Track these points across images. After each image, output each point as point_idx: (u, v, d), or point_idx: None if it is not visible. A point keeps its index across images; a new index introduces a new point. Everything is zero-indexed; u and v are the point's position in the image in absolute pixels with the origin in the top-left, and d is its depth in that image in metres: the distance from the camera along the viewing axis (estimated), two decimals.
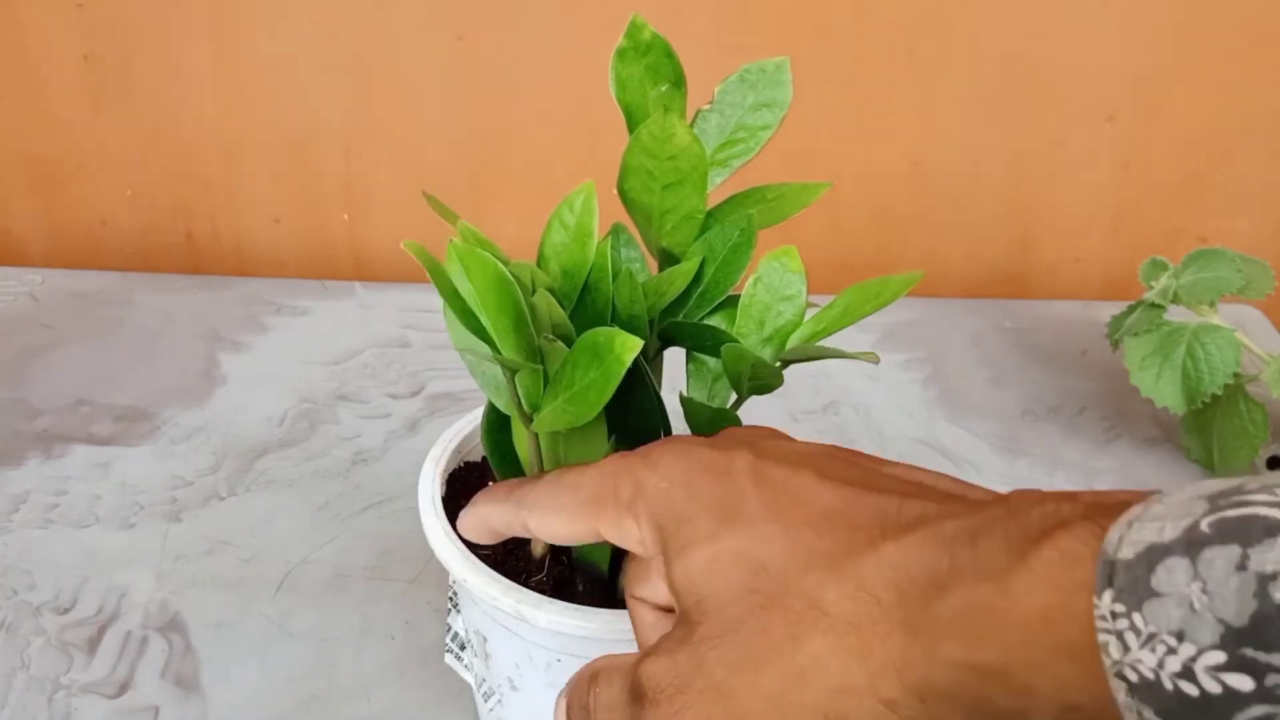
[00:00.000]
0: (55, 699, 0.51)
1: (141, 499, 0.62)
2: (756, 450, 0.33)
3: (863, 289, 0.40)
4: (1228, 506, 0.23)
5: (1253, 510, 0.23)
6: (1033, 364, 0.77)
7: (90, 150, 0.84)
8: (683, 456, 0.33)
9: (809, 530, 0.30)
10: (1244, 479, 0.24)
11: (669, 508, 0.32)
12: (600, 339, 0.36)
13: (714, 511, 0.31)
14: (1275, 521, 0.22)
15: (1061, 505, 0.27)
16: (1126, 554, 0.24)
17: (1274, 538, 0.22)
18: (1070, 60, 0.80)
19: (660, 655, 0.31)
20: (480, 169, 0.84)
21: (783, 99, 0.41)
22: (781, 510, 0.30)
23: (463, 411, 0.49)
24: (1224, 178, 0.84)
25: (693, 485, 0.32)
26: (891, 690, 0.27)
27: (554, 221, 0.40)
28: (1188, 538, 0.23)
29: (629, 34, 0.40)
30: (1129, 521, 0.24)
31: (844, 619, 0.28)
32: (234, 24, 0.79)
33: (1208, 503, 0.23)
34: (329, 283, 0.82)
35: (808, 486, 0.31)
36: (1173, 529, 0.23)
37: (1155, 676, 0.23)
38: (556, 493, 0.35)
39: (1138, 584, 0.23)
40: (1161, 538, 0.23)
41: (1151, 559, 0.23)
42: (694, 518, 0.31)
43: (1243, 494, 0.23)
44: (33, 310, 0.77)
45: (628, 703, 0.31)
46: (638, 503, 0.33)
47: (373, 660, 0.53)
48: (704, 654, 0.30)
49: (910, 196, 0.85)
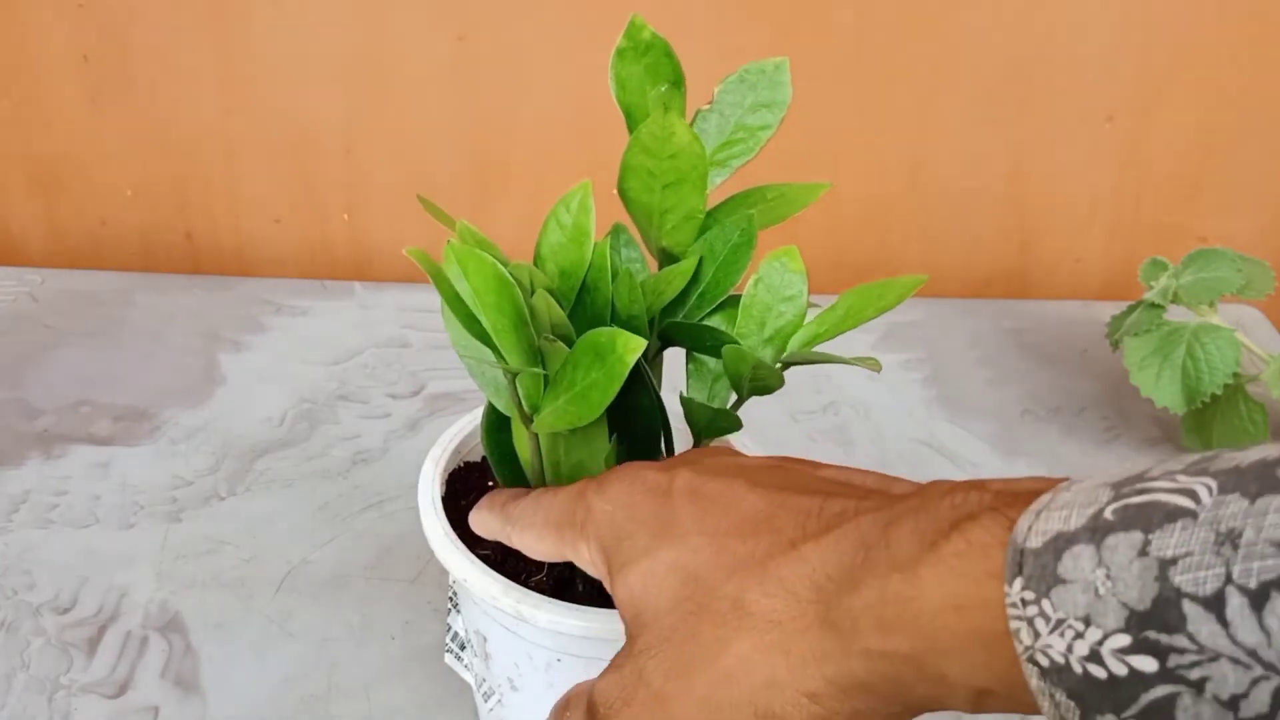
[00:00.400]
0: (55, 699, 0.51)
1: (141, 499, 0.62)
2: (697, 468, 0.34)
3: (865, 291, 0.40)
4: (1130, 494, 0.24)
5: (1154, 497, 0.23)
6: (1033, 364, 0.77)
7: (90, 150, 0.84)
8: (628, 482, 0.35)
9: (735, 537, 0.31)
10: (1148, 465, 0.25)
11: (612, 529, 0.34)
12: (602, 339, 0.36)
13: (651, 529, 0.33)
14: (1175, 507, 0.23)
15: (970, 495, 0.27)
16: (1034, 543, 0.24)
17: (1174, 523, 0.22)
18: (1070, 60, 0.80)
19: (610, 672, 0.32)
20: (480, 169, 0.84)
21: (782, 99, 0.41)
22: (711, 521, 0.32)
23: (463, 411, 0.49)
24: (1224, 178, 0.84)
25: (634, 507, 0.34)
26: (814, 683, 0.28)
27: (550, 221, 0.40)
28: (1092, 525, 0.24)
29: (628, 34, 0.40)
30: (1037, 511, 0.25)
31: (765, 617, 0.29)
32: (234, 24, 0.79)
33: (1112, 490, 0.24)
34: (329, 283, 0.82)
35: (738, 495, 0.32)
36: (1079, 517, 0.24)
37: (1065, 661, 0.23)
38: (533, 511, 0.37)
39: (1045, 571, 0.24)
40: (1068, 526, 0.24)
41: (1058, 547, 0.24)
42: (633, 535, 0.33)
43: (1145, 480, 0.24)
44: (33, 310, 0.77)
45: None
46: (588, 526, 0.34)
47: (373, 660, 0.53)
48: (644, 664, 0.31)
49: (910, 196, 0.85)
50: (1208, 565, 0.22)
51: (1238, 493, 0.22)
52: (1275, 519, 0.21)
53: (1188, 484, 0.23)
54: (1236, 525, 0.22)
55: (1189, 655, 0.22)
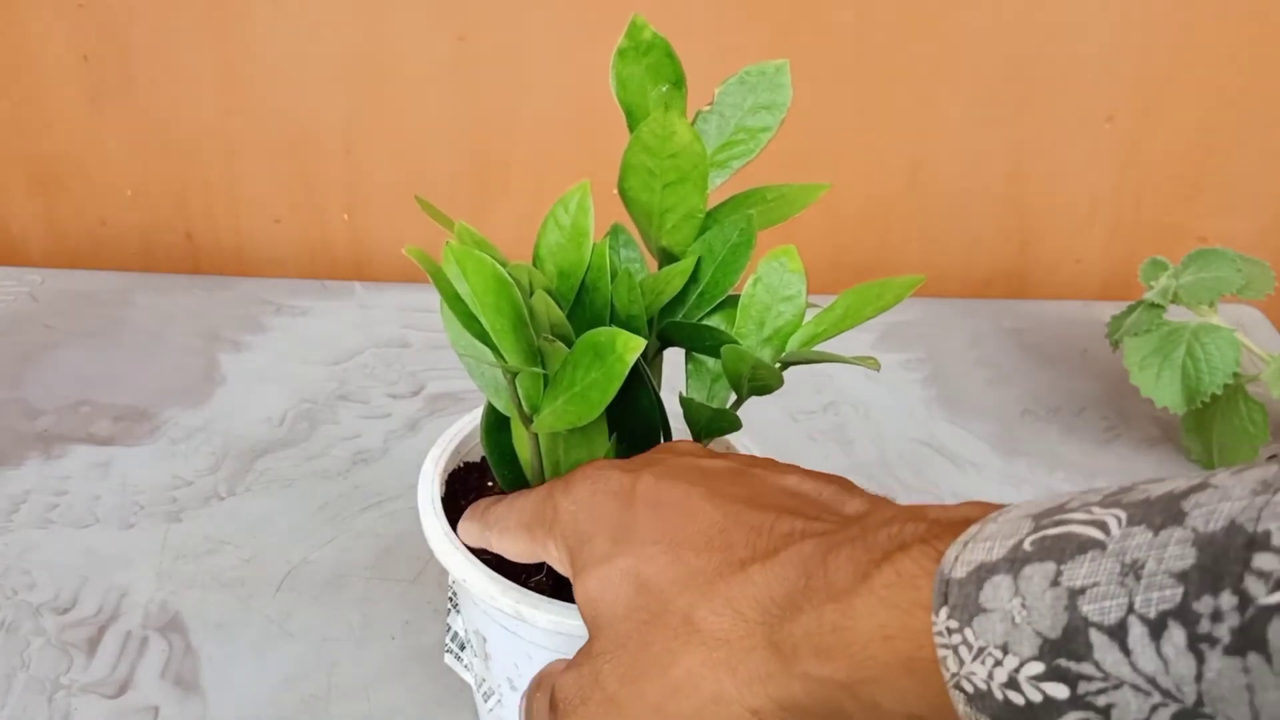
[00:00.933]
0: (55, 699, 0.51)
1: (141, 499, 0.62)
2: (661, 469, 0.34)
3: (863, 291, 0.40)
4: (1048, 525, 0.25)
5: (1068, 529, 0.24)
6: (1032, 364, 0.77)
7: (90, 150, 0.84)
8: (592, 482, 0.35)
9: (689, 549, 0.32)
10: (1069, 496, 0.26)
11: (575, 530, 0.34)
12: (602, 339, 0.36)
13: (611, 533, 0.33)
14: (1087, 538, 0.24)
15: (906, 526, 0.28)
16: (959, 573, 0.25)
17: (1084, 554, 0.23)
18: (1070, 60, 0.80)
19: (571, 669, 0.33)
20: (480, 169, 0.84)
21: (782, 101, 0.41)
22: (668, 530, 0.32)
23: (463, 411, 0.49)
24: (1224, 178, 0.84)
25: (596, 508, 0.34)
26: (758, 700, 0.29)
27: (549, 222, 0.40)
28: (1011, 555, 0.25)
29: (630, 34, 0.40)
30: (964, 542, 0.26)
31: (714, 635, 0.30)
32: (234, 24, 0.79)
33: (1032, 522, 0.25)
34: (329, 283, 0.82)
35: (696, 504, 0.33)
36: (1000, 548, 0.25)
37: (987, 687, 0.24)
38: (507, 514, 0.38)
39: (968, 601, 0.25)
40: (990, 556, 0.25)
41: (980, 577, 0.25)
42: (594, 538, 0.34)
43: (1064, 512, 0.25)
44: (33, 310, 0.78)
45: (547, 712, 0.34)
46: (555, 526, 0.35)
47: (373, 660, 0.53)
48: (600, 667, 0.32)
49: (910, 196, 0.85)
50: (1112, 595, 0.23)
51: (1144, 524, 0.23)
52: (1175, 550, 0.22)
53: (1100, 515, 0.24)
54: (1140, 556, 0.23)
55: (1096, 682, 0.22)
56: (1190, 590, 0.21)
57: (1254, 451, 0.63)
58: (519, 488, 0.43)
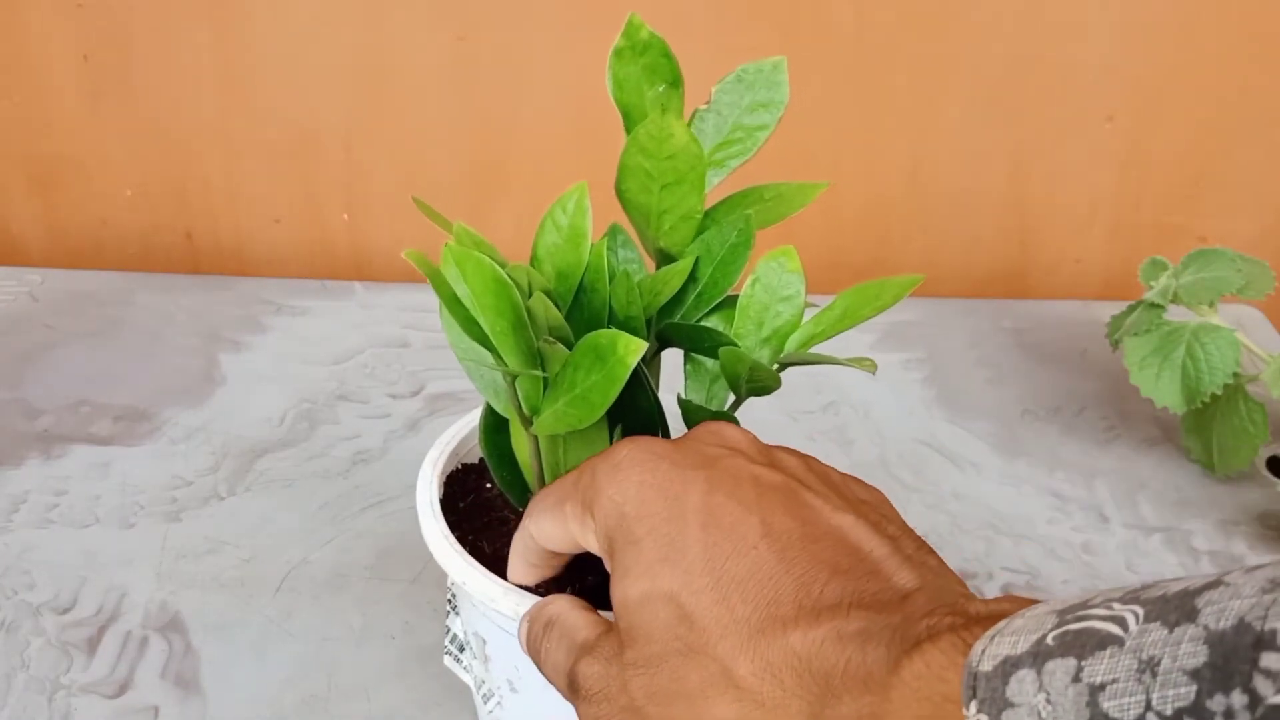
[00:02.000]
0: (55, 699, 0.51)
1: (141, 499, 0.62)
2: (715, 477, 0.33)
3: (862, 291, 0.40)
4: (1071, 620, 0.25)
5: (1089, 624, 0.25)
6: (1032, 364, 0.77)
7: (90, 150, 0.84)
8: (641, 472, 0.34)
9: (737, 594, 0.31)
10: (1094, 594, 0.26)
11: (620, 525, 0.33)
12: (603, 341, 0.36)
13: (658, 546, 0.32)
14: (1106, 634, 0.24)
15: (944, 619, 0.29)
16: (986, 666, 0.26)
17: (1104, 649, 0.24)
18: (1070, 60, 0.80)
19: (596, 661, 0.34)
20: (480, 169, 0.84)
21: (779, 99, 0.41)
22: (717, 562, 0.32)
23: (463, 411, 0.49)
24: (1224, 178, 0.84)
25: (645, 505, 0.33)
26: None
27: (547, 223, 0.40)
28: (1035, 650, 0.25)
29: (626, 33, 0.40)
30: (991, 636, 0.26)
31: (751, 694, 0.30)
32: (234, 24, 0.79)
33: (1056, 617, 0.26)
34: (329, 283, 0.82)
35: (749, 541, 0.32)
36: (1025, 642, 0.26)
37: None
38: (545, 494, 0.37)
39: (995, 695, 0.25)
40: (1015, 650, 0.26)
41: (1006, 671, 0.25)
42: (639, 543, 0.33)
43: (1086, 609, 0.25)
44: (33, 310, 0.78)
45: (565, 685, 0.34)
46: (595, 506, 0.34)
47: (372, 660, 0.53)
48: (629, 676, 0.32)
49: (910, 196, 0.85)
50: (1131, 692, 0.23)
51: (1159, 621, 0.24)
52: (1189, 648, 0.23)
53: (1119, 611, 0.25)
54: (1156, 653, 0.23)
55: None
56: (1203, 688, 0.22)
57: (1254, 451, 0.63)
58: (517, 489, 0.44)
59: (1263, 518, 0.64)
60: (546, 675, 0.36)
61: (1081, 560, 0.61)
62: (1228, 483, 0.67)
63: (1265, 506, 0.65)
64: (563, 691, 0.35)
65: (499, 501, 0.45)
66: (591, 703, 0.33)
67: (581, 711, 0.34)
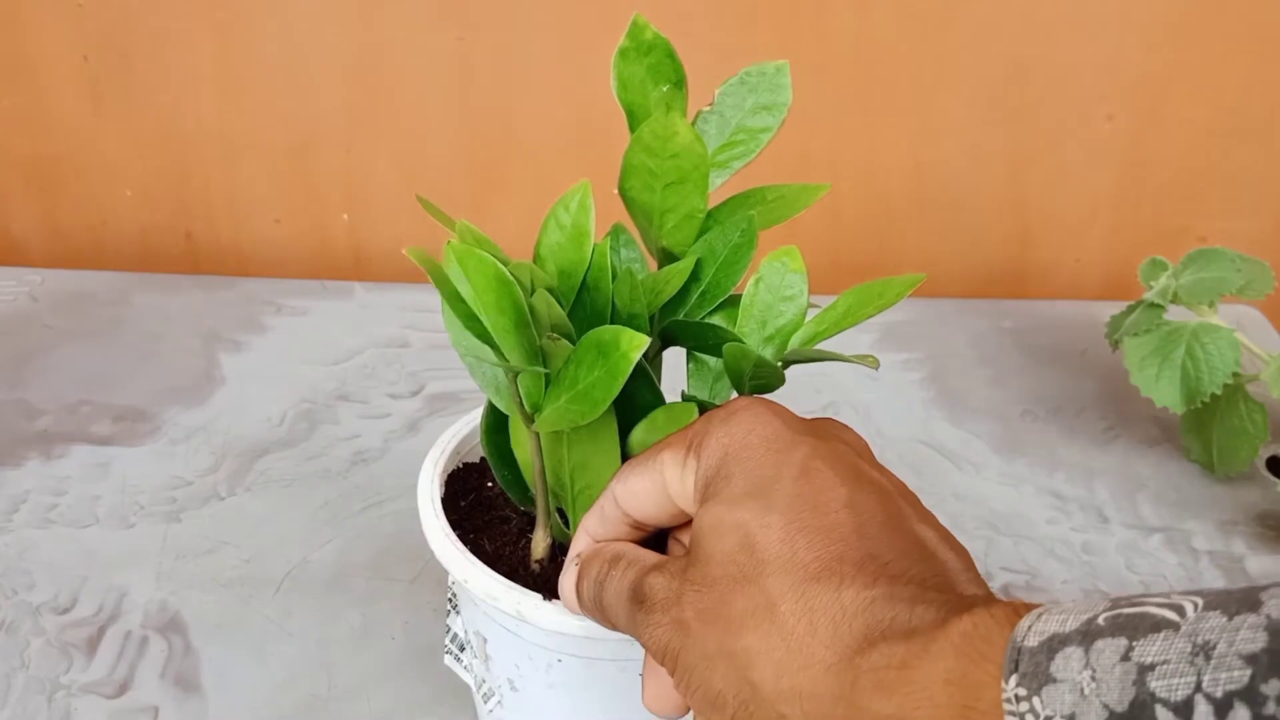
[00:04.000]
0: (55, 699, 0.51)
1: (141, 499, 0.62)
2: (824, 447, 0.34)
3: (864, 291, 0.40)
4: (1125, 605, 0.25)
5: (1144, 609, 0.25)
6: (1032, 364, 0.77)
7: (90, 150, 0.84)
8: (754, 421, 0.35)
9: (804, 540, 0.32)
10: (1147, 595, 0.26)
11: (721, 463, 0.34)
12: (606, 337, 0.36)
13: (749, 482, 0.33)
14: (1161, 619, 0.25)
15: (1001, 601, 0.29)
16: (1031, 641, 0.26)
17: (1158, 633, 0.24)
18: (1070, 60, 0.80)
19: (664, 574, 0.34)
20: (480, 169, 0.84)
21: (782, 102, 0.41)
22: (797, 510, 0.32)
23: (463, 411, 0.49)
24: (1224, 178, 0.84)
25: (749, 449, 0.34)
26: (789, 707, 0.30)
27: (550, 221, 0.40)
28: (1084, 629, 0.25)
29: (631, 34, 0.40)
30: (1039, 614, 0.27)
31: (782, 631, 0.31)
32: (234, 24, 0.79)
33: (1110, 601, 0.26)
34: (329, 283, 0.82)
35: (833, 505, 0.33)
36: (1074, 621, 0.26)
37: None
38: (639, 456, 0.37)
39: (1038, 670, 0.25)
40: (1063, 628, 0.26)
41: (1053, 647, 0.25)
42: (731, 477, 0.34)
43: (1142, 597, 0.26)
44: (33, 310, 0.77)
45: (629, 599, 0.35)
46: (702, 447, 0.35)
47: (373, 660, 0.53)
48: (685, 591, 0.33)
49: (910, 196, 0.85)
50: (1181, 673, 0.23)
51: (1219, 610, 0.24)
52: (1247, 634, 0.23)
53: (1177, 601, 0.25)
54: (1212, 638, 0.23)
55: None
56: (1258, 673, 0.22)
57: (1254, 452, 0.64)
58: (518, 488, 0.44)
59: (1262, 518, 0.64)
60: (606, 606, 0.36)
61: (1081, 560, 0.61)
62: (1227, 483, 0.67)
63: (1265, 506, 0.65)
64: (620, 617, 0.35)
65: (500, 500, 0.45)
66: (652, 611, 0.34)
67: (639, 621, 0.34)
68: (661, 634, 0.33)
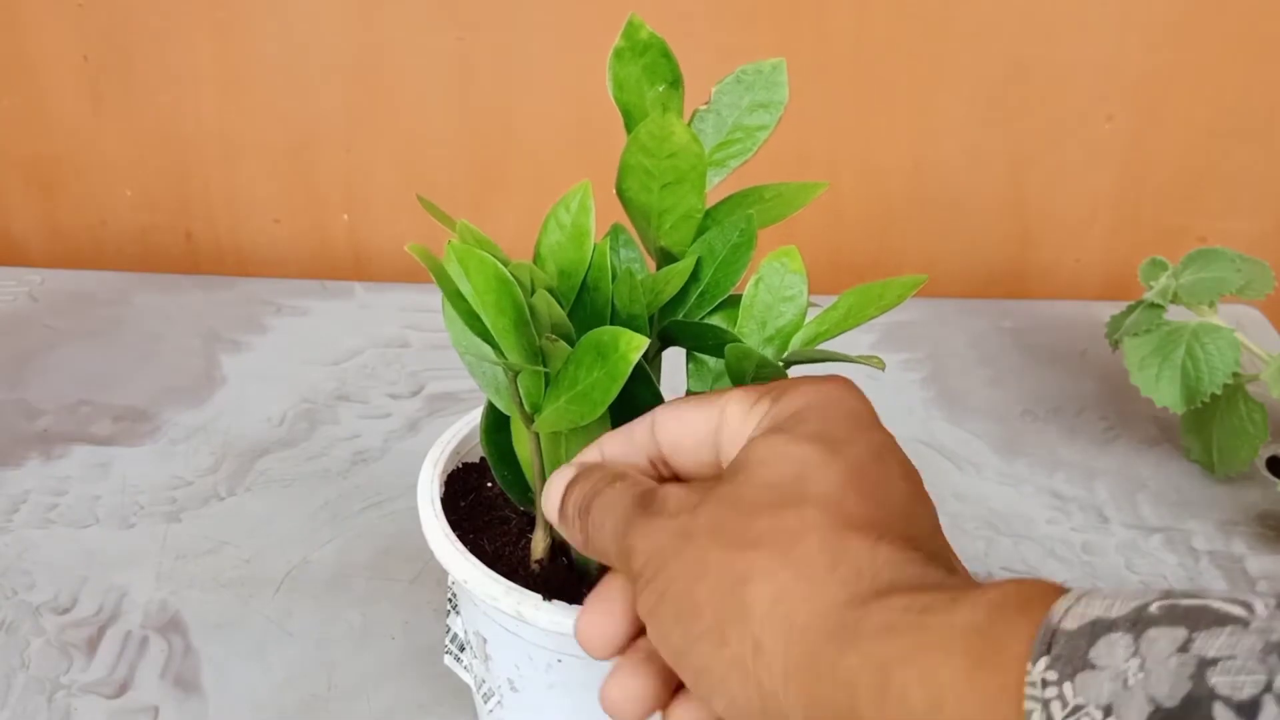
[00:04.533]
0: (55, 699, 0.51)
1: (141, 499, 0.62)
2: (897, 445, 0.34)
3: (865, 291, 0.40)
4: (1182, 596, 0.23)
5: (1206, 602, 0.23)
6: (1032, 364, 0.77)
7: (90, 150, 0.84)
8: (844, 394, 0.34)
9: (856, 492, 0.31)
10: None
11: (801, 408, 0.33)
12: (605, 338, 0.36)
13: (824, 430, 0.33)
14: (1226, 614, 0.23)
15: None
16: (1070, 624, 0.24)
17: (1222, 627, 0.22)
18: (1070, 60, 0.80)
19: (684, 488, 0.33)
20: (480, 169, 0.84)
21: (779, 100, 0.41)
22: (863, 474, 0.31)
23: (463, 411, 0.49)
24: (1224, 178, 0.84)
25: (831, 409, 0.34)
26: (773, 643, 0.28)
27: (550, 222, 0.40)
28: (1135, 616, 0.23)
29: (626, 34, 0.40)
30: (1078, 595, 0.25)
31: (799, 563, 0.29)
32: (234, 24, 0.79)
33: (1163, 593, 0.24)
34: (329, 283, 0.82)
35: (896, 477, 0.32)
36: (1122, 608, 0.24)
37: None
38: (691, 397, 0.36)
39: (1075, 654, 0.23)
40: (1109, 614, 0.24)
41: (1095, 632, 0.24)
42: (806, 421, 0.33)
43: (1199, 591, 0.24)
44: (33, 310, 0.78)
45: (633, 503, 0.33)
46: (783, 395, 0.34)
47: (373, 660, 0.53)
48: (705, 503, 0.32)
49: (910, 196, 0.85)
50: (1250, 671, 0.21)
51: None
52: None
53: (1244, 598, 0.23)
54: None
55: None
56: None
57: (1254, 452, 0.63)
58: (518, 488, 0.44)
59: (1262, 518, 0.64)
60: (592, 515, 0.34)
61: (1081, 560, 0.61)
62: (1227, 483, 0.67)
63: (1265, 506, 0.65)
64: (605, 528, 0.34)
65: (500, 500, 0.45)
66: (657, 515, 0.32)
67: (636, 526, 0.32)
68: (659, 537, 0.31)
